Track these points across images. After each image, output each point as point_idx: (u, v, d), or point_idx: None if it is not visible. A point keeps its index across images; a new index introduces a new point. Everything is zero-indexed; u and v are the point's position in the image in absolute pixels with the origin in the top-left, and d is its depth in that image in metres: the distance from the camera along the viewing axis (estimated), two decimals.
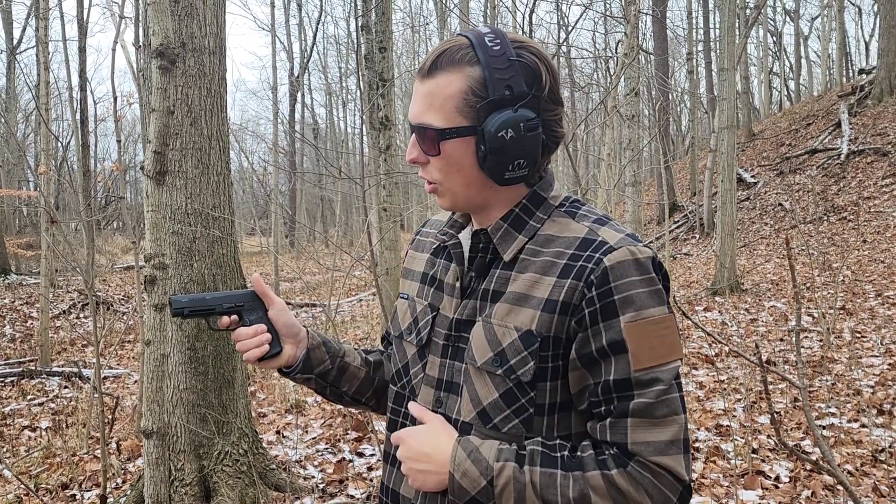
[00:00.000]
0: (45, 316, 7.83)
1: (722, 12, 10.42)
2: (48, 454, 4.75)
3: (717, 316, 8.18)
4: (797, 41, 31.21)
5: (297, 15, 29.31)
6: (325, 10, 48.76)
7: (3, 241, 17.42)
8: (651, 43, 18.70)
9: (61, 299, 12.83)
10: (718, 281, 9.78)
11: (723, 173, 10.05)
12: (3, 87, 26.66)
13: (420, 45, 32.75)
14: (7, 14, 25.02)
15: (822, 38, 31.53)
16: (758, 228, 15.36)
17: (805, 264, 10.63)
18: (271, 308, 1.23)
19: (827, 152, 16.70)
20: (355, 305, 12.67)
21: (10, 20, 25.04)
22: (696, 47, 21.87)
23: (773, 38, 33.33)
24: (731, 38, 10.00)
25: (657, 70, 16.95)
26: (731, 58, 9.99)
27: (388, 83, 7.86)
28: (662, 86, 16.46)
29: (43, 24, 8.92)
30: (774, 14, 33.09)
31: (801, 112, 21.87)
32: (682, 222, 17.96)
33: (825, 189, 15.21)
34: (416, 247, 1.27)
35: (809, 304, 7.97)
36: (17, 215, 26.21)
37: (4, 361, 8.17)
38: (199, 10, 3.44)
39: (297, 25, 29.61)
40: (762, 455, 3.86)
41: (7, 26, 24.98)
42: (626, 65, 7.50)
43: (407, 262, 1.28)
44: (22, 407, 6.18)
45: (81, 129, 13.78)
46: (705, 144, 21.12)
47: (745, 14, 15.34)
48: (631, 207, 9.85)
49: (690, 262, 14.42)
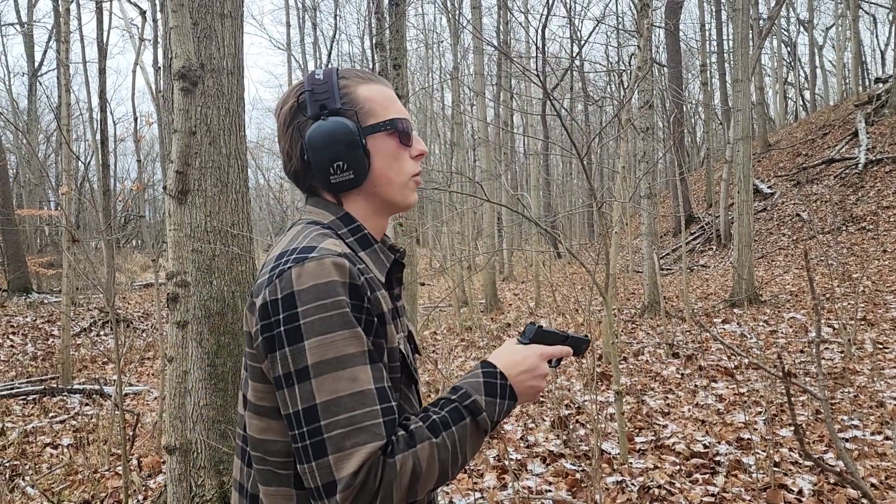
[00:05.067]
0: (66, 334, 7.91)
1: (735, 24, 10.41)
2: (70, 471, 4.80)
3: (736, 328, 8.12)
4: (812, 51, 31.06)
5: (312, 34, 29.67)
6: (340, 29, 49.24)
7: (24, 259, 17.66)
8: (664, 55, 18.70)
9: (82, 317, 12.97)
10: (736, 293, 9.71)
11: (739, 184, 10.01)
12: (25, 109, 27.10)
13: (434, 62, 32.95)
14: (29, 38, 25.52)
15: (837, 47, 31.34)
16: (775, 239, 15.25)
17: (824, 275, 10.53)
18: None
19: (844, 162, 16.58)
20: None
21: (32, 44, 25.53)
22: (709, 59, 21.85)
23: (787, 48, 33.23)
24: (744, 49, 9.99)
25: (671, 82, 16.94)
26: (745, 69, 9.98)
27: (403, 99, 7.92)
28: (676, 98, 16.45)
29: (64, 46, 9.07)
30: (788, 24, 33.04)
31: (817, 122, 21.73)
32: (698, 234, 17.86)
33: (843, 199, 15.08)
34: (372, 288, 1.05)
35: (830, 315, 7.89)
36: (39, 234, 26.58)
37: (26, 379, 8.26)
38: (217, 32, 3.50)
39: (312, 44, 29.92)
40: (784, 468, 3.82)
41: (28, 50, 25.47)
42: (640, 78, 7.52)
43: (383, 306, 1.06)
44: (44, 424, 6.24)
45: (102, 149, 13.97)
46: (720, 156, 21.04)
47: (759, 25, 15.32)
48: (646, 220, 9.83)
49: (707, 274, 14.32)
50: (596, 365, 5.18)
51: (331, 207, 1.14)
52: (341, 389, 0.94)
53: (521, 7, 21.25)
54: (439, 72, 31.39)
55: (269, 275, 1.01)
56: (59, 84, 11.51)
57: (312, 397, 0.94)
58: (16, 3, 26.99)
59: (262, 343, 1.00)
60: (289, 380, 0.96)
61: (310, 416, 0.94)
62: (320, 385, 0.94)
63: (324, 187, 1.14)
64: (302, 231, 1.09)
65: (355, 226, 1.13)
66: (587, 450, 4.26)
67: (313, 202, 1.16)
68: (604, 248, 4.25)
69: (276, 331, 0.97)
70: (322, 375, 0.94)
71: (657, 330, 8.36)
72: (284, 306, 0.97)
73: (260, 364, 1.03)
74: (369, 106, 1.13)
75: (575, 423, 4.87)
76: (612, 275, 4.06)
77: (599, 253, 5.55)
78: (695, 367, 6.36)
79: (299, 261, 0.99)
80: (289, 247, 1.04)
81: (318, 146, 1.09)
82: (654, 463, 3.99)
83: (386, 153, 1.13)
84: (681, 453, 4.15)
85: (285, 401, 0.97)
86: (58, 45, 10.73)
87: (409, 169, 1.16)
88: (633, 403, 5.29)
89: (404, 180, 1.16)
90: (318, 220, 1.13)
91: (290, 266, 0.99)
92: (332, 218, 1.13)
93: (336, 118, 1.09)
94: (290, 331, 0.96)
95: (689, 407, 5.14)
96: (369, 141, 1.12)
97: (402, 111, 1.16)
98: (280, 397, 0.98)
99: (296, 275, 0.98)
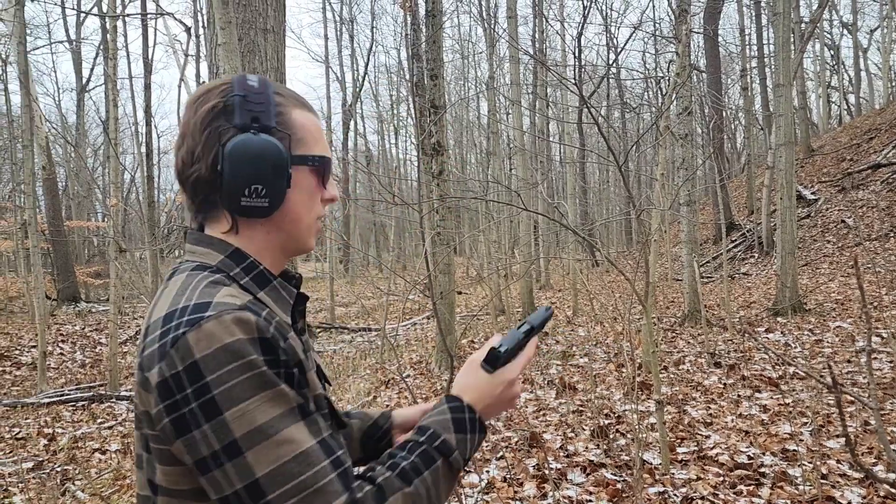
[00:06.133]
0: (113, 342, 8.13)
1: (776, 28, 10.24)
2: (118, 476, 4.92)
3: (780, 337, 7.96)
4: (856, 54, 30.37)
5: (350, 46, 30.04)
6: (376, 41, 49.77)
7: (73, 270, 18.18)
8: (703, 61, 18.49)
9: (128, 326, 13.29)
10: (780, 301, 9.52)
11: (781, 191, 9.83)
12: (74, 124, 27.94)
13: (469, 72, 33.09)
14: (77, 55, 26.35)
15: (882, 49, 30.61)
16: (820, 247, 14.91)
17: (871, 283, 10.26)
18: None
19: (891, 166, 16.15)
20: (409, 329, 12.76)
21: (80, 60, 26.35)
22: (749, 64, 21.52)
23: (830, 51, 32.54)
24: (786, 53, 9.83)
25: (710, 88, 16.74)
26: (786, 73, 9.81)
27: (440, 109, 7.98)
28: (716, 103, 16.23)
29: (112, 63, 9.37)
30: (831, 27, 32.37)
31: (862, 126, 21.22)
32: (739, 241, 17.56)
33: (890, 204, 14.69)
34: (284, 336, 0.95)
35: (878, 324, 7.69)
36: (87, 245, 27.32)
37: (75, 386, 8.50)
38: (260, 47, 3.59)
39: (350, 56, 30.40)
40: (832, 480, 3.74)
41: (76, 66, 26.28)
42: (679, 84, 7.46)
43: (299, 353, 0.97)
44: (92, 430, 6.42)
45: (146, 161, 14.34)
46: (762, 162, 20.68)
47: (801, 28, 15.06)
48: (686, 227, 9.71)
49: (749, 282, 14.06)
50: (636, 374, 5.12)
51: (216, 245, 1.01)
52: (282, 455, 0.85)
53: (557, 15, 21.25)
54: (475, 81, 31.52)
55: (160, 343, 0.88)
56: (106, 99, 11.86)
57: (251, 472, 0.84)
58: (65, 21, 27.90)
59: (169, 425, 0.87)
60: (217, 460, 0.85)
61: (253, 493, 0.85)
62: (256, 457, 0.84)
63: (227, 206, 0.99)
64: (188, 281, 0.95)
65: (248, 263, 1.00)
66: (628, 459, 4.23)
67: (194, 239, 1.03)
68: (643, 255, 4.23)
69: (185, 409, 0.85)
70: (256, 446, 0.84)
71: (698, 339, 8.24)
72: (190, 379, 0.85)
73: (169, 447, 0.89)
74: (301, 134, 1.02)
75: (615, 433, 4.83)
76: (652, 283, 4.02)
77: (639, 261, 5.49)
78: (738, 376, 6.26)
79: (193, 323, 0.86)
80: (176, 304, 0.91)
81: (239, 161, 0.95)
82: (696, 474, 3.94)
83: (304, 189, 1.03)
84: (724, 464, 4.08)
85: (217, 483, 0.86)
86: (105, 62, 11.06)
87: (318, 211, 1.07)
88: (675, 413, 5.23)
89: (311, 221, 1.06)
90: (205, 261, 0.99)
91: (185, 331, 0.86)
92: (221, 258, 0.99)
93: (268, 137, 0.97)
94: (204, 405, 0.84)
95: (732, 417, 5.06)
96: (293, 171, 1.00)
97: (328, 150, 1.08)
98: (208, 481, 0.87)
99: (194, 341, 0.85)
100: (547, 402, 5.97)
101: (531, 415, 5.54)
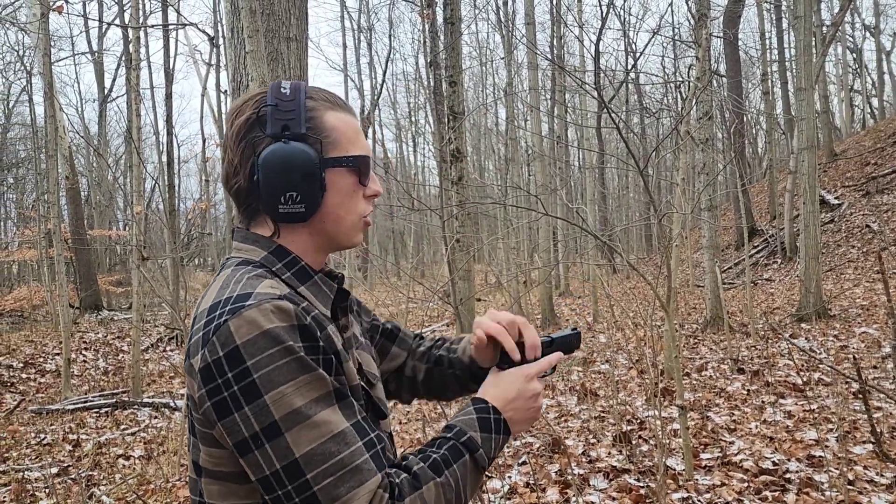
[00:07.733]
0: (136, 349, 8.21)
1: (797, 31, 10.16)
2: (142, 481, 4.96)
3: (804, 343, 7.87)
4: (879, 57, 30.01)
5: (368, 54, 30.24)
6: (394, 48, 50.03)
7: (95, 278, 18.40)
8: (723, 65, 18.38)
9: (149, 333, 13.42)
10: (804, 307, 9.41)
11: (804, 195, 9.73)
12: (96, 134, 28.34)
13: (488, 78, 33.13)
14: (99, 66, 26.75)
15: None
16: (844, 252, 14.72)
17: None
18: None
19: None
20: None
21: (102, 71, 26.76)
22: (770, 68, 21.36)
23: (852, 54, 32.17)
24: (807, 57, 9.75)
25: (730, 92, 16.62)
26: (808, 77, 9.73)
27: (458, 116, 8.00)
28: (736, 108, 16.12)
29: (134, 73, 9.51)
30: (853, 30, 32.00)
31: (886, 129, 20.94)
32: (761, 247, 17.38)
33: None
34: (321, 326, 0.99)
35: None
36: (109, 254, 27.65)
37: (99, 393, 8.60)
38: (283, 55, 3.62)
39: (368, 64, 30.53)
40: (859, 486, 3.68)
41: (99, 77, 26.69)
42: (699, 89, 7.42)
43: (336, 344, 1.01)
44: (116, 436, 6.48)
45: (168, 170, 14.51)
46: (784, 166, 20.47)
47: (822, 32, 14.92)
48: (707, 232, 9.63)
49: (772, 288, 13.91)
50: (658, 380, 5.09)
51: (261, 242, 1.05)
52: (319, 436, 0.89)
53: (576, 20, 21.22)
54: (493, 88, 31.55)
55: (204, 331, 0.92)
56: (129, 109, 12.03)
57: (291, 452, 0.88)
58: (87, 32, 28.35)
59: (212, 408, 0.91)
60: (257, 441, 0.89)
61: (292, 472, 0.88)
62: (295, 438, 0.88)
63: (268, 214, 1.03)
64: (233, 275, 0.99)
65: (290, 259, 1.04)
66: (651, 465, 4.20)
67: (241, 237, 1.07)
68: (664, 261, 4.20)
69: (227, 392, 0.89)
70: (294, 428, 0.88)
71: (720, 345, 8.17)
72: (230, 364, 0.89)
73: (211, 430, 0.95)
74: (334, 136, 1.04)
75: (638, 439, 4.80)
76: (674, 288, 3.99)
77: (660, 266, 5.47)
78: (761, 382, 6.19)
79: (235, 311, 0.91)
80: (221, 296, 0.95)
81: (272, 171, 0.99)
82: (721, 480, 3.90)
83: (342, 190, 1.05)
84: (749, 470, 4.04)
85: (258, 463, 0.90)
86: (128, 73, 11.23)
87: (362, 209, 1.09)
88: (698, 419, 5.18)
89: (355, 220, 1.08)
90: (249, 258, 1.04)
91: (227, 319, 0.90)
92: (264, 254, 1.04)
93: (298, 144, 1.00)
94: (245, 389, 0.88)
95: (756, 423, 5.00)
96: (327, 174, 1.03)
97: (366, 147, 1.09)
98: (249, 461, 0.91)
99: (235, 327, 0.89)
100: (568, 407, 5.94)
101: (553, 421, 5.52)
